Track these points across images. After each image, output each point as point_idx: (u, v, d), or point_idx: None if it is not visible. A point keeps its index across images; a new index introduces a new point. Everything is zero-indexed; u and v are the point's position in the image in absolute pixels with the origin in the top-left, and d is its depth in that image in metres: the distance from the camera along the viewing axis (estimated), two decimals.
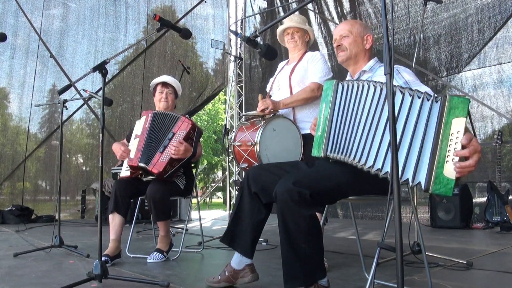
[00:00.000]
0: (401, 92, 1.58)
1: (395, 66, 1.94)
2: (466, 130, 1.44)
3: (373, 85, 1.70)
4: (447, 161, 1.43)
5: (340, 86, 1.85)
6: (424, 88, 1.78)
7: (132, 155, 2.89)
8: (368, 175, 1.81)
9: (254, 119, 2.62)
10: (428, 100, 1.52)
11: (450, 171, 1.42)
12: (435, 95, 1.51)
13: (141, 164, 2.83)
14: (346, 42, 2.07)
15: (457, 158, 1.42)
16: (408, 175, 1.51)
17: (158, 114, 2.99)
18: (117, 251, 2.83)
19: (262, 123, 2.50)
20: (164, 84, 3.18)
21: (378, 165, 1.60)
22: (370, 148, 1.65)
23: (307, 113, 2.74)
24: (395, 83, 1.76)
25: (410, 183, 1.50)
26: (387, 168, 1.56)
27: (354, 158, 1.71)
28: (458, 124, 1.42)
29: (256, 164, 2.44)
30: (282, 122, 2.63)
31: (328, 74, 2.76)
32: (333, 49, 2.15)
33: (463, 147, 1.42)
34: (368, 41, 2.09)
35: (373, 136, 1.65)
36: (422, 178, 1.48)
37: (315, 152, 1.88)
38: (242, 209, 2.03)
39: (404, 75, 1.90)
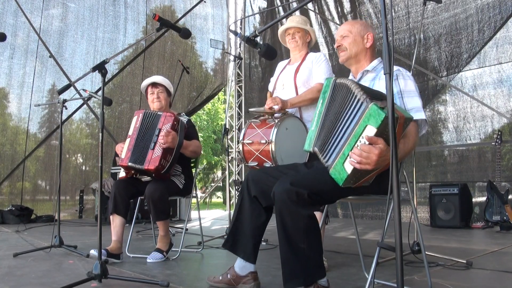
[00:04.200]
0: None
1: (398, 69, 1.93)
2: (378, 141, 1.52)
3: (361, 97, 1.63)
4: (350, 156, 1.59)
5: (338, 83, 1.82)
6: (414, 103, 1.82)
7: (123, 155, 2.90)
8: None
9: (265, 117, 2.58)
10: (360, 101, 1.62)
11: (348, 164, 1.60)
12: (365, 99, 1.59)
13: (130, 164, 2.83)
14: (346, 42, 2.07)
15: (355, 156, 1.56)
16: (326, 153, 1.74)
17: (146, 113, 3.01)
18: (118, 251, 2.85)
19: (276, 121, 2.45)
20: (154, 85, 3.19)
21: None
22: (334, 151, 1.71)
23: (313, 112, 2.74)
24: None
25: (321, 159, 1.75)
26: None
27: (324, 159, 1.76)
28: (369, 130, 1.54)
29: (269, 162, 2.39)
30: (293, 122, 2.60)
31: (331, 75, 2.79)
32: (334, 49, 2.15)
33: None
34: (369, 39, 2.06)
35: (338, 141, 1.69)
36: (330, 160, 1.70)
37: (306, 146, 1.91)
38: (243, 213, 2.02)
39: (400, 83, 1.88)
